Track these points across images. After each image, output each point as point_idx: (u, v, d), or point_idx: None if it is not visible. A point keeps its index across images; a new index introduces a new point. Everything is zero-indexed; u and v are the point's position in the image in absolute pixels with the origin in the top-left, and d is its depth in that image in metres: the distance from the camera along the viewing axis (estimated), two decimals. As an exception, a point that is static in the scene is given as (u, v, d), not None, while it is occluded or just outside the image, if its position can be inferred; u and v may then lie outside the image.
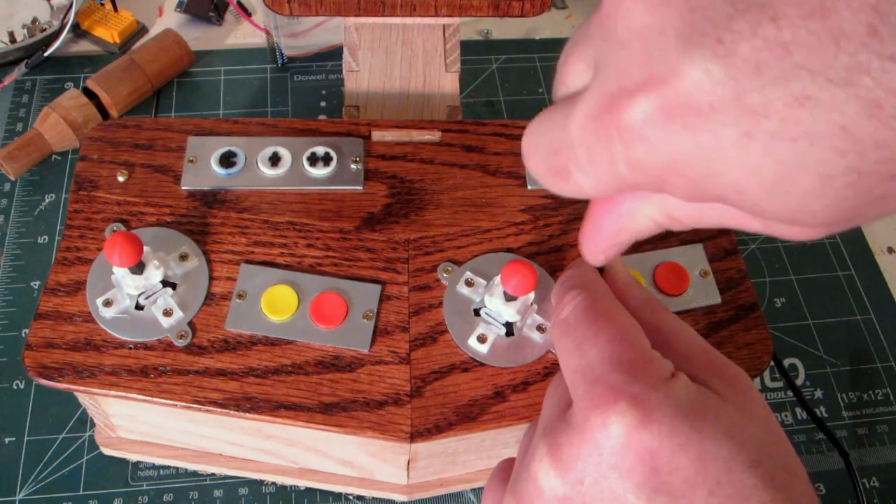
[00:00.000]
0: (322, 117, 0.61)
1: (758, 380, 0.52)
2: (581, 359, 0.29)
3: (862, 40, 0.17)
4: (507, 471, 0.34)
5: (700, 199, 0.22)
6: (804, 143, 0.18)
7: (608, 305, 0.31)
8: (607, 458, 0.27)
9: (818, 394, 0.52)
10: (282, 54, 0.64)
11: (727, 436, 0.26)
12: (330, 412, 0.37)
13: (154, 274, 0.38)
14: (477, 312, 0.39)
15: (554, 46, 0.68)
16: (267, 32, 0.65)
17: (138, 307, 0.38)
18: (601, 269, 0.34)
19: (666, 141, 0.20)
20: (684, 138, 0.20)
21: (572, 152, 0.23)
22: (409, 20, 0.47)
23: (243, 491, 0.46)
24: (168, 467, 0.46)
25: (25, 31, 0.62)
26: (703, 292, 0.41)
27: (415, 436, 0.36)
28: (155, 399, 0.37)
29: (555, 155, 0.24)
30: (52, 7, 0.64)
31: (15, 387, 0.48)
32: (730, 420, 0.27)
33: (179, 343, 0.38)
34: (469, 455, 0.42)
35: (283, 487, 0.46)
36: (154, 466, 0.46)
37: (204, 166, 0.43)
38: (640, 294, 0.34)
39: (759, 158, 0.19)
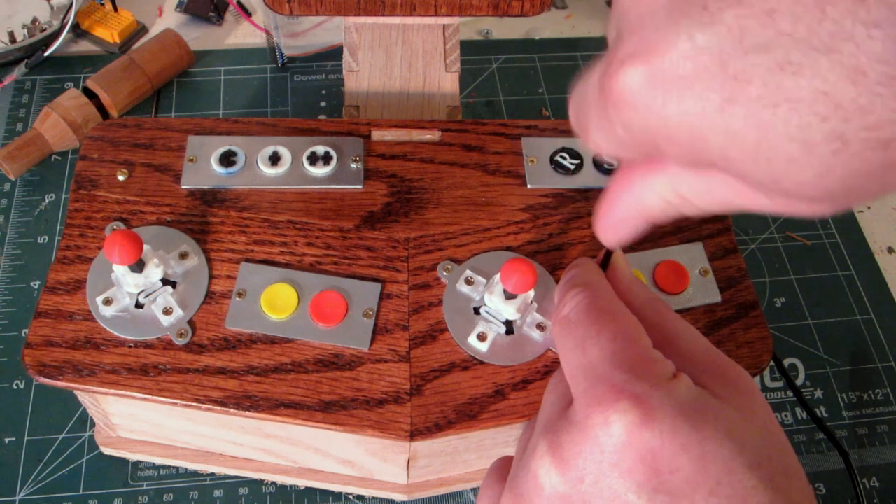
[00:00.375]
0: (322, 117, 0.61)
1: (758, 379, 0.52)
2: (582, 357, 0.29)
3: (848, 7, 0.17)
4: (503, 468, 0.34)
5: (695, 164, 0.23)
6: (784, 108, 0.19)
7: (610, 304, 0.31)
8: (608, 457, 0.27)
9: (818, 394, 0.52)
10: (282, 54, 0.64)
11: (728, 437, 0.26)
12: (330, 410, 0.36)
13: (154, 272, 0.38)
14: (477, 311, 0.39)
15: (554, 46, 0.68)
16: (267, 32, 0.65)
17: (138, 306, 0.38)
18: (604, 268, 0.34)
19: (652, 107, 0.21)
20: (669, 104, 0.20)
21: (588, 111, 0.24)
22: (409, 20, 0.47)
23: (243, 491, 0.46)
24: (168, 467, 0.46)
25: (25, 31, 0.62)
26: (703, 291, 0.41)
27: (415, 434, 0.36)
28: (155, 397, 0.37)
29: (580, 111, 0.25)
30: (52, 7, 0.64)
31: (15, 387, 0.48)
32: (730, 422, 0.27)
33: (179, 341, 0.38)
34: (469, 454, 0.42)
35: (283, 487, 0.46)
36: (154, 466, 0.46)
37: (204, 165, 0.43)
38: (643, 294, 0.33)
39: (740, 123, 0.20)
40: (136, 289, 0.38)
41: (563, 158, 0.44)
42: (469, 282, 0.40)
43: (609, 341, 0.29)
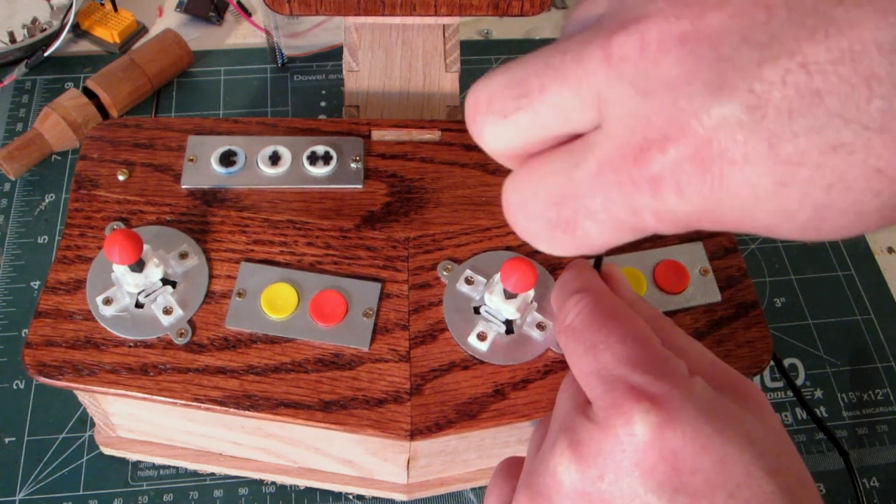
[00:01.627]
0: (322, 117, 0.61)
1: (758, 379, 0.52)
2: (595, 361, 0.29)
3: (895, 83, 0.17)
4: (512, 467, 0.34)
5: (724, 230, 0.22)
6: (840, 187, 0.18)
7: (613, 306, 0.31)
8: (630, 456, 0.27)
9: (818, 394, 0.52)
10: (282, 54, 0.64)
11: (748, 442, 0.27)
12: (330, 410, 0.36)
13: (154, 272, 0.38)
14: (477, 310, 0.39)
15: (554, 47, 0.68)
16: (267, 32, 0.65)
17: (138, 305, 0.38)
18: (597, 266, 0.34)
19: (698, 191, 0.20)
20: (717, 188, 0.19)
21: (583, 202, 0.22)
22: (408, 20, 0.47)
23: (243, 491, 0.46)
24: (168, 467, 0.46)
25: (25, 31, 0.62)
26: (704, 290, 0.41)
27: (415, 434, 0.36)
28: (155, 397, 0.37)
29: (557, 206, 0.23)
30: (52, 7, 0.64)
31: (15, 387, 0.48)
32: (749, 427, 0.27)
33: (179, 341, 0.38)
34: (469, 454, 0.42)
35: (283, 487, 0.46)
36: (154, 466, 0.46)
37: (204, 165, 0.43)
38: (647, 310, 0.33)
39: (794, 205, 0.19)
40: (136, 288, 0.38)
41: (563, 158, 0.44)
42: (469, 281, 0.40)
43: (619, 344, 0.29)
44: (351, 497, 0.46)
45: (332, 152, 0.43)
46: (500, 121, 0.23)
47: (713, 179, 0.19)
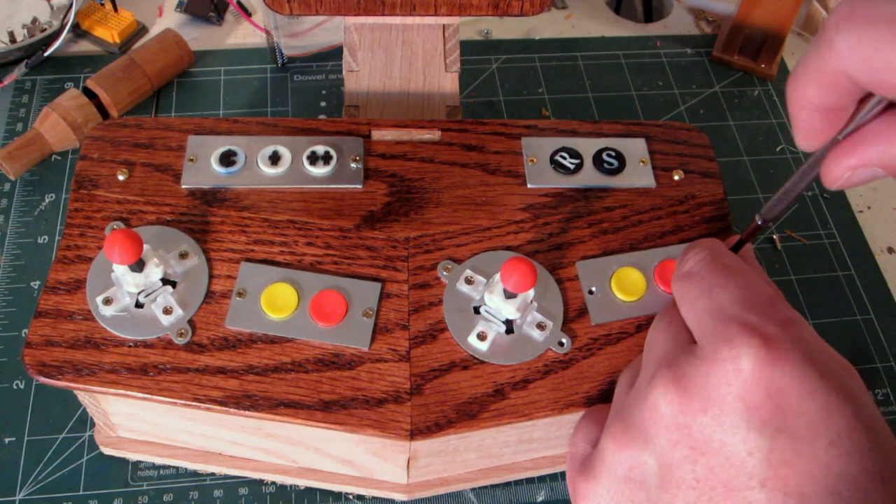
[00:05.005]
0: (322, 117, 0.61)
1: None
2: (710, 301, 0.30)
3: None
4: (600, 411, 0.35)
5: None
6: None
7: (733, 259, 0.32)
8: (735, 391, 0.27)
9: (818, 393, 0.52)
10: (282, 54, 0.64)
11: (850, 395, 0.27)
12: (330, 410, 0.36)
13: (154, 272, 0.38)
14: (477, 310, 0.39)
15: (554, 46, 0.68)
16: (267, 32, 0.65)
17: (138, 305, 0.38)
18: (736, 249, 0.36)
19: None
20: None
21: None
22: (408, 20, 0.47)
23: (243, 491, 0.46)
24: (168, 467, 0.46)
25: (25, 31, 0.62)
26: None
27: (415, 433, 0.36)
28: (155, 397, 0.37)
29: None
30: (52, 7, 0.64)
31: (15, 387, 0.48)
32: (850, 386, 0.28)
33: (179, 341, 0.38)
34: (469, 454, 0.42)
35: (283, 487, 0.46)
36: (154, 466, 0.46)
37: (204, 165, 0.43)
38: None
39: None
40: (136, 288, 0.38)
41: (563, 158, 0.44)
42: (469, 281, 0.40)
43: (737, 288, 0.30)
44: (351, 497, 0.46)
45: (332, 152, 0.43)
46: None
47: None
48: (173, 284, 0.39)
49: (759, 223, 0.35)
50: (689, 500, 0.28)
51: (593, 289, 0.40)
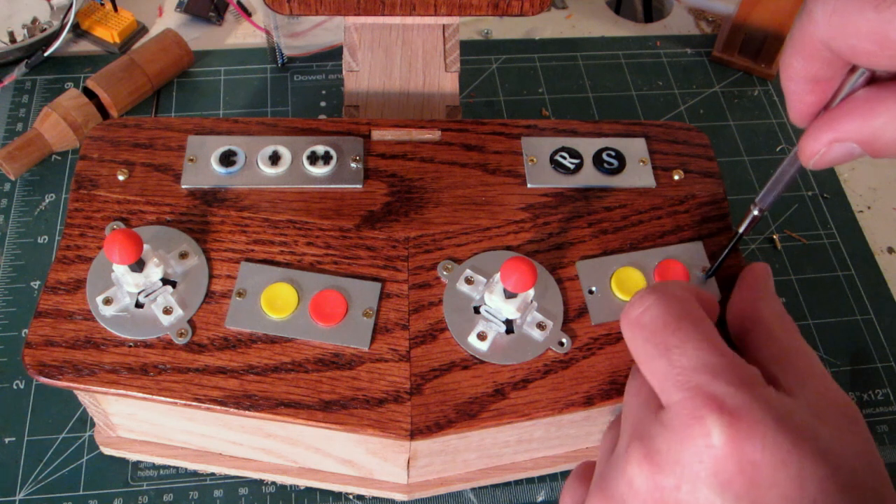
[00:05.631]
0: (322, 117, 0.61)
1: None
2: (669, 366, 0.29)
3: None
4: (587, 471, 0.34)
5: None
6: None
7: (688, 310, 0.31)
8: (708, 467, 0.27)
9: (818, 393, 0.52)
10: (282, 54, 0.64)
11: (824, 457, 0.27)
12: (330, 410, 0.36)
13: (154, 272, 0.38)
14: (477, 310, 0.39)
15: (554, 46, 0.68)
16: (267, 32, 0.65)
17: (138, 305, 0.38)
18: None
19: None
20: None
21: None
22: (408, 20, 0.47)
23: (243, 491, 0.46)
24: (168, 467, 0.46)
25: (25, 31, 0.62)
26: (705, 290, 0.41)
27: (415, 433, 0.36)
28: (155, 397, 0.37)
29: None
30: (52, 7, 0.64)
31: (15, 387, 0.48)
32: (827, 442, 0.27)
33: (179, 341, 0.38)
34: (469, 454, 0.42)
35: (283, 487, 0.46)
36: (154, 466, 0.46)
37: (204, 165, 0.43)
38: (776, 307, 0.34)
39: None
40: (136, 288, 0.38)
41: (563, 158, 0.44)
42: (469, 281, 0.40)
43: (695, 350, 0.29)
44: (351, 497, 0.46)
45: (332, 152, 0.43)
46: None
47: None
48: (173, 284, 0.39)
49: (756, 213, 0.35)
50: None
51: (593, 289, 0.40)
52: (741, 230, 0.36)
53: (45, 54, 0.61)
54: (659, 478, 0.28)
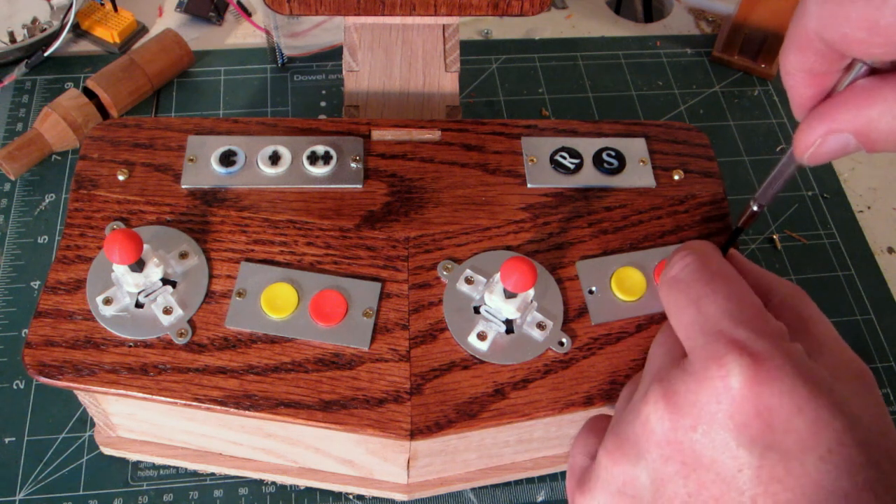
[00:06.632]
0: (322, 117, 0.61)
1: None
2: (698, 314, 0.30)
3: None
4: (600, 422, 0.35)
5: None
6: None
7: (721, 267, 0.32)
8: (725, 408, 0.27)
9: (818, 393, 0.52)
10: (282, 54, 0.64)
11: (841, 410, 0.27)
12: (330, 410, 0.36)
13: (154, 272, 0.38)
14: (477, 310, 0.39)
15: (554, 47, 0.68)
16: (267, 32, 0.65)
17: (138, 305, 0.38)
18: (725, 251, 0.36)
19: None
20: None
21: None
22: (408, 20, 0.47)
23: (243, 491, 0.46)
24: (168, 467, 0.46)
25: (25, 31, 0.62)
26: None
27: (415, 433, 0.36)
28: (155, 397, 0.37)
29: None
30: (52, 7, 0.64)
31: (15, 387, 0.48)
32: (843, 398, 0.28)
33: (179, 341, 0.38)
34: (469, 453, 0.42)
35: (283, 487, 0.46)
36: (154, 466, 0.46)
37: (204, 165, 0.43)
38: (787, 284, 0.35)
39: None
40: (136, 288, 0.38)
41: (563, 158, 0.44)
42: (469, 281, 0.40)
43: (724, 300, 0.30)
44: (351, 497, 0.46)
45: (332, 152, 0.43)
46: None
47: None
48: (173, 284, 0.39)
49: (755, 209, 0.35)
50: None
51: (593, 288, 0.40)
52: (739, 224, 0.36)
53: (45, 54, 0.61)
54: (675, 418, 0.28)
